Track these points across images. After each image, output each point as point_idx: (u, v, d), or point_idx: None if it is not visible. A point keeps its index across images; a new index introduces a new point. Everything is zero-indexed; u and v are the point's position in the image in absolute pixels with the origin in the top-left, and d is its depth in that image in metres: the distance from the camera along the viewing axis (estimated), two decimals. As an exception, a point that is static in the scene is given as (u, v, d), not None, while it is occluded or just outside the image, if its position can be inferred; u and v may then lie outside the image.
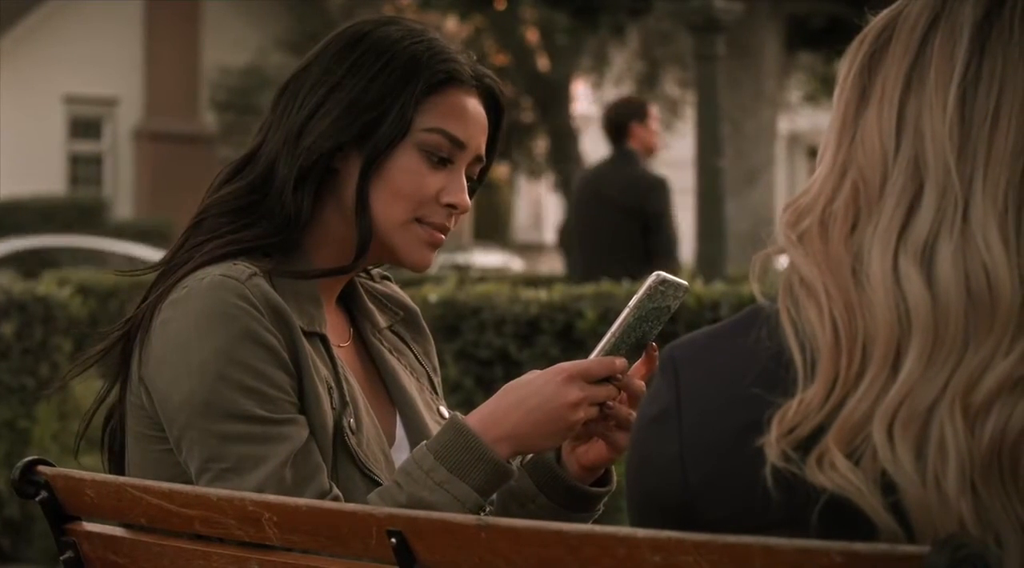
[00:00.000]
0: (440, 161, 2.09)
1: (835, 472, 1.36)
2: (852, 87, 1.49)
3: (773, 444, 1.38)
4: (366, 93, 2.06)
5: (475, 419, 1.98)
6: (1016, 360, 1.35)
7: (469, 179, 2.14)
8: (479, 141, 2.13)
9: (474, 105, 2.12)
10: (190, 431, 1.96)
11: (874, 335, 1.39)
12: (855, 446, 1.37)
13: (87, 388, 6.62)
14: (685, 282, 2.01)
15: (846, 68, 1.51)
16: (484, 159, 2.15)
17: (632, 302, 1.99)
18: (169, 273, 2.06)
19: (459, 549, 1.54)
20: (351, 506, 1.70)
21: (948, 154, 1.41)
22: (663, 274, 1.98)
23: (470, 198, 2.14)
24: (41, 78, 26.43)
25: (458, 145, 2.10)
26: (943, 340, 1.37)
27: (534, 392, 1.97)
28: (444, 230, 2.12)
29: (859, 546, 1.30)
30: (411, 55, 2.08)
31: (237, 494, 1.77)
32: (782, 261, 1.48)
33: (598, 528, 1.44)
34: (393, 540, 1.59)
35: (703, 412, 1.46)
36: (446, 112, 2.09)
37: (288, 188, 2.06)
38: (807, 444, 1.38)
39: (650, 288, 1.97)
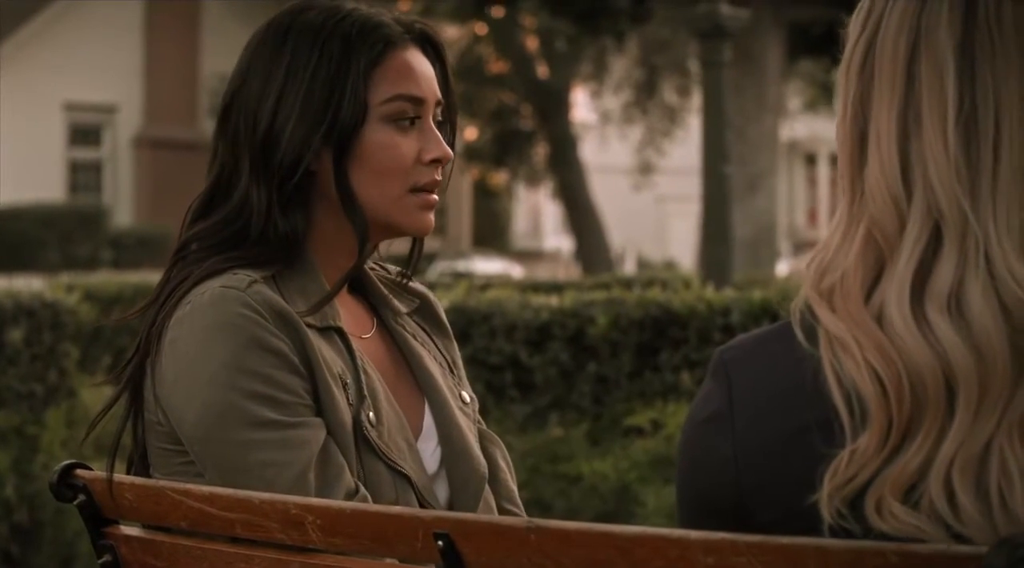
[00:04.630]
0: (408, 123, 2.11)
1: (895, 518, 1.37)
2: (851, 126, 1.47)
3: (826, 501, 1.39)
4: (312, 92, 2.07)
5: None
6: None
7: (438, 124, 2.15)
8: (434, 88, 2.14)
9: (416, 58, 2.14)
10: (210, 445, 1.97)
11: (921, 377, 1.38)
12: (912, 491, 1.37)
13: (95, 395, 6.63)
14: None
15: (841, 101, 1.49)
16: (443, 99, 2.16)
17: None
18: (160, 303, 2.05)
19: (508, 551, 1.54)
20: (397, 509, 1.70)
21: (960, 198, 1.40)
22: None
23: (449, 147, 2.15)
24: (41, 85, 26.44)
25: (418, 102, 2.11)
26: (990, 386, 1.37)
27: None
28: (435, 187, 2.13)
29: (915, 546, 1.30)
30: (341, 38, 2.09)
31: (279, 497, 1.78)
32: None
33: (650, 529, 1.44)
34: (440, 542, 1.58)
35: (756, 414, 1.46)
36: (395, 77, 2.10)
37: (276, 212, 2.06)
38: (862, 489, 1.38)
39: None
